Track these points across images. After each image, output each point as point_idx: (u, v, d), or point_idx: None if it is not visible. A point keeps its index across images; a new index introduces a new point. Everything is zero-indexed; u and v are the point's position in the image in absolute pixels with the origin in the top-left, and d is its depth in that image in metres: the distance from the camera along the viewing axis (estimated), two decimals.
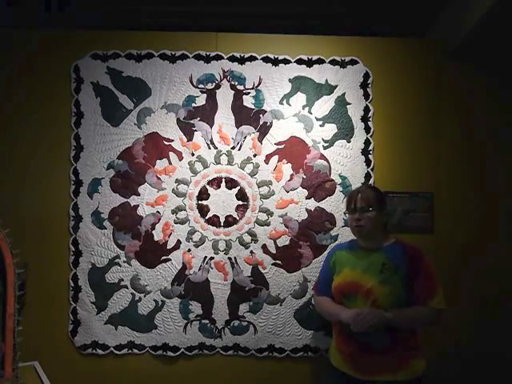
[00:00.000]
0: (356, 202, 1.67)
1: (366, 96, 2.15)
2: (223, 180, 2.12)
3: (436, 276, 1.60)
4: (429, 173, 2.14)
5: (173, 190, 2.10)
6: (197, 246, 2.09)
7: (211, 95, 2.14)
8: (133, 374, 2.07)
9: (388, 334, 1.54)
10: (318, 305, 1.83)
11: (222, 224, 2.10)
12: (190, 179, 2.12)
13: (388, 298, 1.54)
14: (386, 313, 1.51)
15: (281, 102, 2.14)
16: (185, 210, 2.10)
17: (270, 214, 2.10)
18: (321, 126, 2.14)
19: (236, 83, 2.15)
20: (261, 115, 2.13)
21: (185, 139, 2.12)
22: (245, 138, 2.13)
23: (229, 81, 2.15)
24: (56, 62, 2.14)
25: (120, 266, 2.08)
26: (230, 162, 2.13)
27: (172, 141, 2.12)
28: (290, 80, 2.15)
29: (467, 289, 2.09)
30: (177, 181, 2.11)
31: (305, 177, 2.11)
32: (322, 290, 1.81)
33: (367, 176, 2.13)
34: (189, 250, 2.09)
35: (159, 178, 2.10)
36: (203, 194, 2.11)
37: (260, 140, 2.13)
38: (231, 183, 2.12)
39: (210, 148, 2.13)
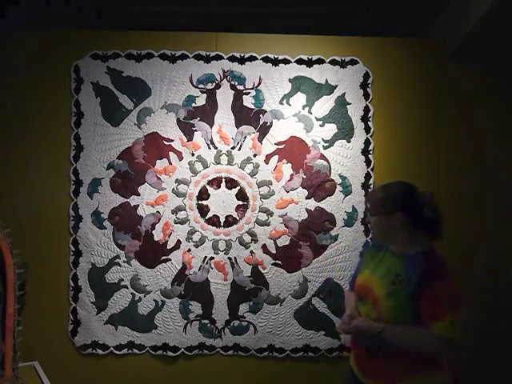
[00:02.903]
0: (367, 202, 1.56)
1: (366, 96, 2.15)
2: (223, 180, 2.12)
3: (449, 299, 1.35)
4: (429, 173, 2.14)
5: (173, 190, 2.10)
6: (197, 246, 2.09)
7: (211, 95, 2.14)
8: (133, 374, 2.07)
9: (386, 346, 1.40)
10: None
11: (221, 224, 2.10)
12: (190, 179, 2.12)
13: (391, 313, 1.40)
14: (377, 324, 1.39)
15: (281, 102, 2.14)
16: (185, 210, 2.10)
17: (270, 214, 2.10)
18: (321, 126, 2.14)
19: (236, 83, 2.15)
20: (261, 115, 2.13)
21: (185, 139, 2.12)
22: (245, 138, 2.13)
23: (229, 81, 2.15)
24: (56, 62, 2.14)
25: (120, 266, 2.08)
26: (229, 162, 2.13)
27: (172, 141, 2.12)
28: (290, 80, 2.15)
29: (467, 289, 2.09)
30: (177, 181, 2.11)
31: (305, 177, 2.11)
32: (351, 286, 1.73)
33: (367, 176, 2.13)
34: (189, 250, 2.09)
35: (159, 178, 2.10)
36: (203, 194, 2.11)
37: (260, 140, 2.13)
38: (231, 183, 2.12)
39: (210, 148, 2.13)
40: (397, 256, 1.47)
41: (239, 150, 2.13)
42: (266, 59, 2.16)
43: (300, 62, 2.16)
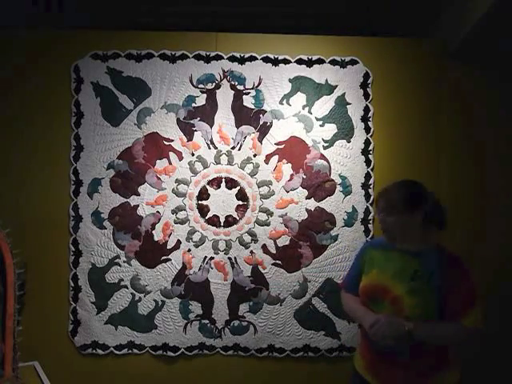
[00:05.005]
0: (380, 202, 1.49)
1: (366, 96, 2.15)
2: (223, 180, 2.12)
3: (474, 291, 1.37)
4: (429, 173, 2.14)
5: (173, 190, 2.10)
6: (197, 246, 2.09)
7: (211, 95, 2.14)
8: (133, 374, 2.07)
9: (410, 346, 1.38)
10: (344, 303, 1.66)
11: (222, 224, 2.10)
12: (190, 179, 2.12)
13: (416, 310, 1.38)
14: (406, 323, 1.34)
15: (281, 102, 2.14)
16: (185, 210, 2.10)
17: (270, 214, 2.10)
18: (321, 125, 2.14)
19: (236, 83, 2.15)
20: (261, 115, 2.13)
21: (185, 139, 2.12)
22: (245, 138, 2.13)
23: (229, 81, 2.15)
24: (56, 62, 2.14)
25: (120, 266, 2.08)
26: (230, 162, 2.13)
27: (172, 141, 2.12)
28: (290, 80, 2.15)
29: None
30: (177, 181, 2.11)
31: (305, 177, 2.11)
32: (349, 288, 1.64)
33: (367, 176, 2.13)
34: (189, 250, 2.09)
35: (159, 178, 2.10)
36: (203, 194, 2.11)
37: (260, 140, 2.13)
38: (231, 183, 2.12)
39: (209, 148, 2.13)
40: (409, 254, 1.46)
41: (239, 149, 2.13)
42: (266, 59, 2.16)
43: (300, 61, 2.16)
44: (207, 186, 2.12)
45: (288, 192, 2.11)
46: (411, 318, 1.37)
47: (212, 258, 2.09)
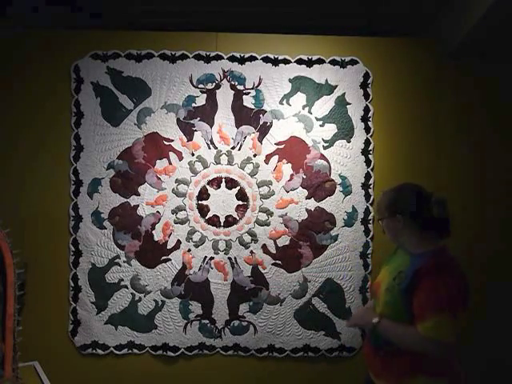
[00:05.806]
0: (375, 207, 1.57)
1: (366, 96, 2.15)
2: (223, 180, 2.12)
3: (438, 299, 1.28)
4: (429, 173, 2.14)
5: (173, 190, 2.11)
6: (197, 246, 2.09)
7: (211, 95, 2.14)
8: (133, 374, 2.07)
9: (388, 342, 1.39)
10: None
11: (222, 224, 2.10)
12: (190, 179, 2.12)
13: (387, 308, 1.41)
14: (375, 317, 1.41)
15: (281, 102, 2.14)
16: (185, 210, 2.11)
17: (270, 214, 2.10)
18: (321, 126, 2.14)
19: (236, 83, 2.15)
20: (261, 115, 2.13)
21: (185, 139, 2.12)
22: (245, 138, 2.13)
23: (229, 81, 2.15)
24: (56, 62, 2.14)
25: (120, 266, 2.08)
26: (230, 162, 2.13)
27: (172, 141, 2.12)
28: (290, 80, 2.15)
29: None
30: (177, 181, 2.11)
31: (305, 177, 2.11)
32: None
33: (367, 176, 2.13)
34: (189, 250, 2.09)
35: (159, 178, 2.10)
36: (203, 194, 2.11)
37: (260, 140, 2.13)
38: (231, 183, 2.12)
39: (209, 148, 2.13)
40: (408, 255, 1.47)
41: (239, 150, 2.13)
42: (265, 59, 2.16)
43: (300, 61, 2.16)
44: (207, 186, 2.12)
45: (288, 192, 2.11)
46: (385, 314, 1.41)
47: (212, 258, 2.09)
